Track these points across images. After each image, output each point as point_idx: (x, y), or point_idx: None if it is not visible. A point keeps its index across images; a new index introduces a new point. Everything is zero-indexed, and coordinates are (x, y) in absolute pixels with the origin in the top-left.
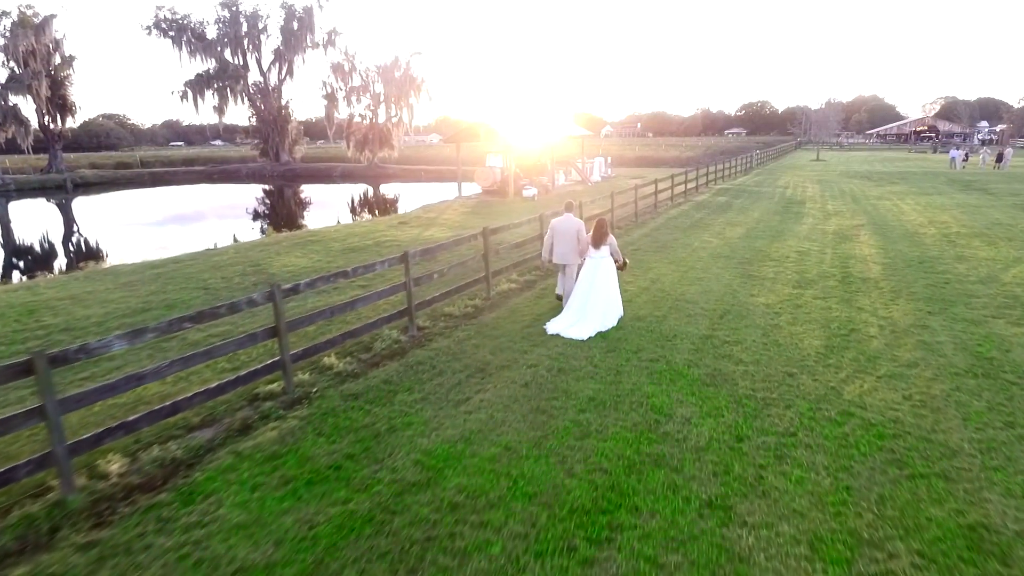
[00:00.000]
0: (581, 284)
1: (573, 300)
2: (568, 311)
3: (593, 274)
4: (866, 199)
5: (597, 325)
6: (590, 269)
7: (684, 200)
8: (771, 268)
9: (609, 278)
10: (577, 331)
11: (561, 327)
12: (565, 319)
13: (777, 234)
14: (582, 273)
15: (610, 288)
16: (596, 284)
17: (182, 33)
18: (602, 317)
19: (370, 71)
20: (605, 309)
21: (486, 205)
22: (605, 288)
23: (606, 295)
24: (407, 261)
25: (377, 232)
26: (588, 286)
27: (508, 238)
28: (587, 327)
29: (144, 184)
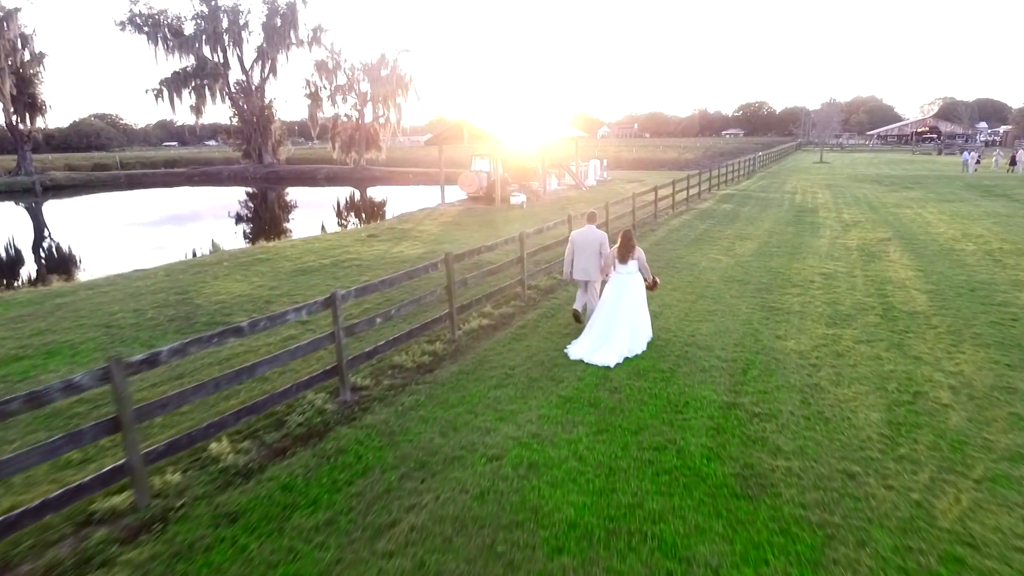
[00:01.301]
0: (606, 302)
1: (597, 320)
2: (591, 332)
3: (619, 292)
4: (884, 207)
5: (624, 350)
6: (616, 287)
7: (686, 208)
8: (795, 297)
9: (637, 297)
10: (603, 356)
11: (584, 351)
12: (588, 342)
13: (794, 250)
14: (607, 290)
15: (638, 308)
16: (623, 303)
17: (158, 29)
18: (629, 341)
19: (356, 69)
20: (633, 331)
21: (469, 213)
22: (633, 308)
23: (633, 316)
24: (335, 305)
25: (339, 248)
26: (614, 305)
27: (488, 258)
28: (613, 351)
29: (120, 187)
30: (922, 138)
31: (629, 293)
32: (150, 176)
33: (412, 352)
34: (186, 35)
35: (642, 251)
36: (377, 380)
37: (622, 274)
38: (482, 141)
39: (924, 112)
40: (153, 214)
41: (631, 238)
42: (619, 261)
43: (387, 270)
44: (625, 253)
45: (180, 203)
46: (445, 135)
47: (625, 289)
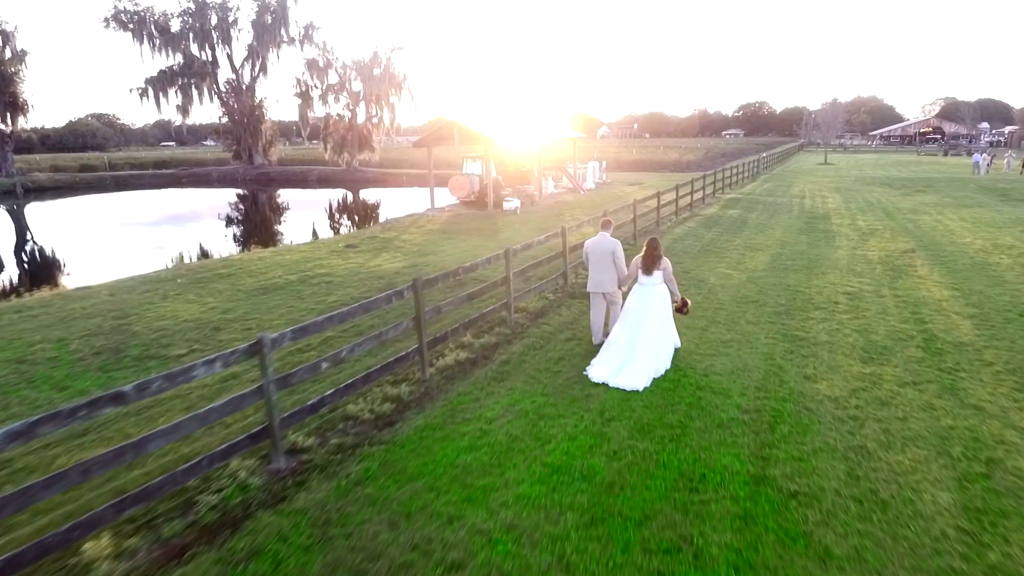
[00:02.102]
0: (629, 316)
1: (618, 335)
2: (611, 348)
3: (644, 305)
4: (900, 213)
5: (650, 370)
6: (640, 299)
7: (690, 214)
8: (820, 323)
9: (663, 311)
10: (629, 378)
11: (607, 373)
12: (609, 360)
13: (811, 264)
14: (629, 302)
15: (664, 323)
16: (648, 318)
17: (143, 26)
18: (655, 359)
19: (347, 68)
20: (658, 348)
21: (458, 220)
22: (658, 323)
23: (658, 332)
24: (263, 354)
25: (311, 262)
26: (638, 319)
27: (471, 277)
28: (640, 373)
29: (106, 189)
30: (925, 139)
31: (654, 306)
32: (137, 178)
33: (371, 398)
34: (173, 32)
35: (669, 262)
36: (323, 438)
37: (646, 285)
38: (474, 143)
39: (925, 112)
40: (131, 218)
41: (657, 246)
42: (643, 271)
43: (359, 288)
44: (650, 263)
45: (162, 207)
46: (434, 136)
47: (650, 302)
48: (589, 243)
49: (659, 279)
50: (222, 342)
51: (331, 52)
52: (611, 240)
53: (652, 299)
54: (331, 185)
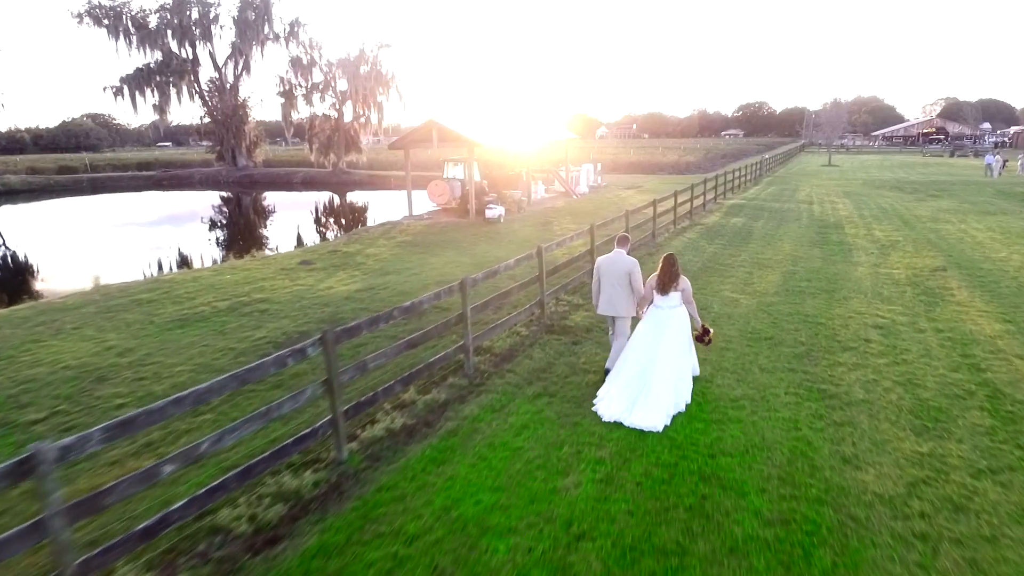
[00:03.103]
0: (640, 341)
1: (628, 364)
2: (621, 378)
3: (659, 330)
4: (918, 221)
5: (668, 405)
6: (654, 323)
7: (690, 222)
8: (852, 371)
9: (681, 337)
10: (644, 417)
11: (619, 410)
12: (620, 393)
13: (830, 285)
14: (642, 326)
15: (683, 351)
16: (663, 344)
17: (119, 21)
18: (673, 392)
19: (333, 66)
20: (677, 379)
21: (434, 230)
22: (676, 351)
23: (676, 360)
24: (40, 474)
25: (252, 283)
26: (652, 346)
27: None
28: (656, 410)
29: (82, 191)
30: (928, 139)
31: (671, 331)
32: (115, 180)
33: (259, 494)
34: (150, 29)
35: (688, 282)
36: (169, 571)
37: (662, 308)
38: (455, 144)
39: (926, 113)
40: (94, 224)
41: (674, 263)
42: (659, 291)
43: (297, 319)
44: (666, 282)
45: (134, 211)
46: (412, 138)
47: (666, 326)
48: (603, 261)
49: (676, 301)
50: (99, 400)
51: (317, 49)
52: (628, 259)
53: (669, 323)
54: (316, 188)
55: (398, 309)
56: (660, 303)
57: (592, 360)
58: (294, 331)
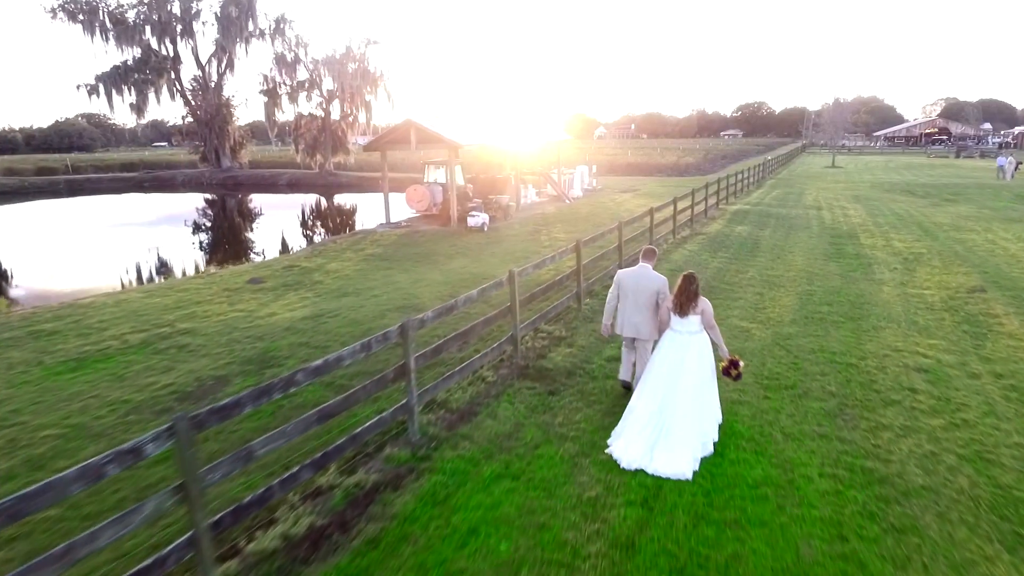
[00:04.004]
0: (660, 372)
1: (645, 399)
2: (637, 415)
3: (679, 358)
4: (939, 230)
5: (695, 446)
6: (672, 350)
7: (690, 231)
8: (900, 437)
9: (704, 366)
10: (669, 462)
11: (638, 454)
12: (638, 434)
13: (854, 310)
14: (658, 355)
15: (706, 382)
16: (684, 376)
17: (94, 16)
18: (698, 431)
19: (319, 63)
20: (701, 416)
21: (410, 240)
22: (698, 382)
23: (699, 393)
24: None
25: (184, 308)
26: (672, 376)
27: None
28: (682, 453)
29: (58, 194)
30: (931, 140)
31: (692, 360)
32: (94, 182)
33: None
34: (128, 24)
35: (709, 304)
36: None
37: (680, 332)
38: (435, 145)
39: (926, 113)
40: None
41: (692, 282)
42: (676, 313)
43: (220, 358)
44: (684, 302)
45: (99, 215)
46: (388, 138)
47: (686, 353)
48: (625, 275)
49: (696, 325)
50: None
51: (303, 47)
52: (656, 277)
53: (689, 350)
54: (302, 190)
55: (302, 372)
56: (678, 327)
57: (571, 421)
58: (210, 375)
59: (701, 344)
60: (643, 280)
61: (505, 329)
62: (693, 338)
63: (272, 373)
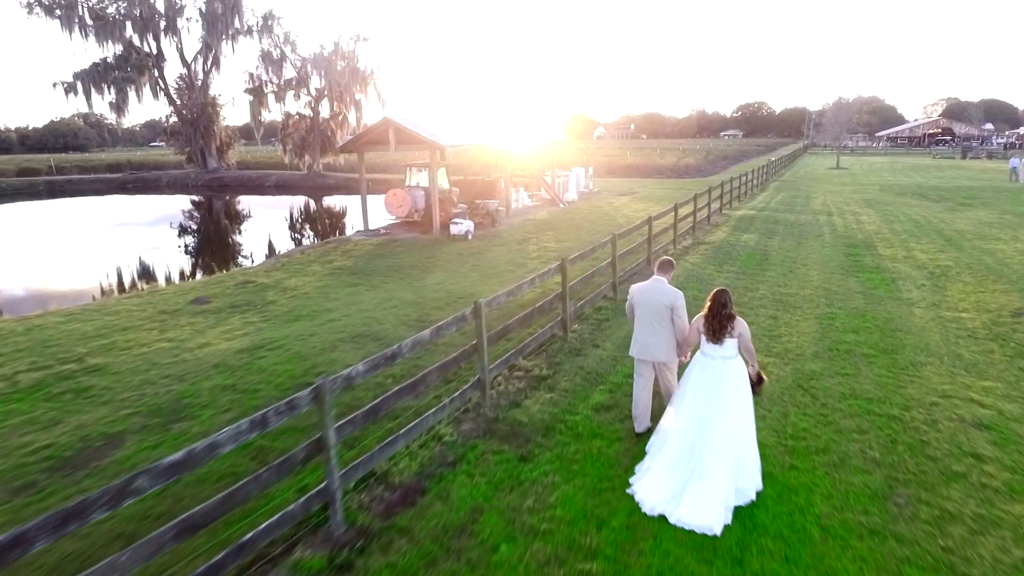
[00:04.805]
0: (691, 404)
1: (675, 435)
2: (665, 453)
3: (712, 388)
4: (962, 238)
5: (729, 494)
6: (706, 378)
7: (692, 241)
8: (976, 535)
9: (741, 397)
10: (695, 510)
11: (663, 496)
12: (666, 474)
13: (886, 339)
14: (689, 384)
15: (744, 415)
16: (719, 408)
17: (72, 12)
18: (734, 472)
19: (306, 61)
20: (739, 455)
21: (386, 251)
22: (735, 415)
23: (737, 428)
24: None
25: (110, 334)
26: (705, 408)
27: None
28: (713, 500)
29: (38, 196)
30: (935, 140)
31: (728, 390)
32: (76, 183)
33: None
34: (109, 20)
35: (745, 325)
36: None
37: (713, 358)
38: (416, 146)
39: (927, 113)
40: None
41: (726, 302)
42: (708, 338)
43: (121, 405)
44: (718, 326)
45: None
46: (364, 139)
47: (720, 382)
48: (637, 290)
49: (732, 350)
50: None
51: (292, 44)
52: (669, 290)
53: (724, 379)
54: (290, 192)
55: (147, 474)
56: (710, 352)
57: (544, 505)
58: (102, 432)
59: (737, 370)
60: (656, 295)
61: (471, 370)
62: (728, 364)
63: (178, 430)
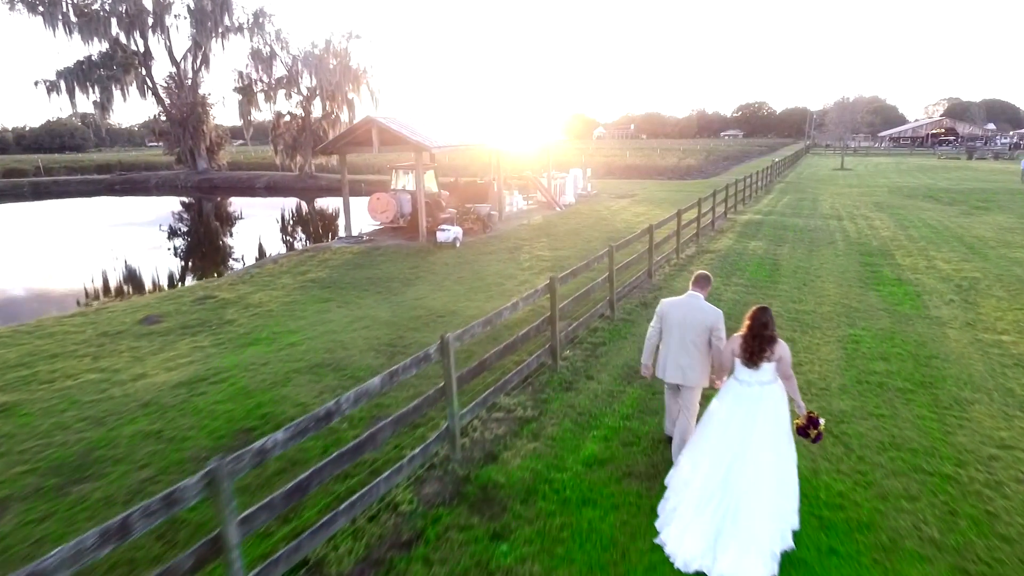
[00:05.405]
0: (719, 436)
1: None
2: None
3: (747, 418)
4: (985, 246)
5: (773, 537)
6: (739, 407)
7: (696, 249)
8: None
9: (779, 427)
10: (738, 563)
11: (698, 549)
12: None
13: (921, 369)
14: (720, 413)
15: (784, 450)
16: (755, 442)
17: (55, 8)
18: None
19: (297, 59)
20: (779, 494)
21: (367, 260)
22: (774, 449)
23: (776, 465)
24: None
25: (33, 363)
26: (740, 442)
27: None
28: (757, 548)
29: (23, 197)
30: (938, 140)
31: (766, 420)
32: (62, 185)
33: None
34: (94, 17)
35: (787, 348)
36: None
37: (749, 384)
38: (401, 147)
39: (928, 113)
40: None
41: (767, 322)
42: (744, 361)
43: (9, 465)
44: (757, 349)
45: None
46: (346, 139)
47: (757, 410)
48: (671, 306)
49: (769, 374)
50: None
51: (283, 42)
52: (709, 308)
53: (761, 406)
54: (281, 193)
55: None
56: (745, 376)
57: None
58: None
59: (776, 397)
60: (694, 313)
61: (438, 417)
62: (765, 390)
63: (78, 494)
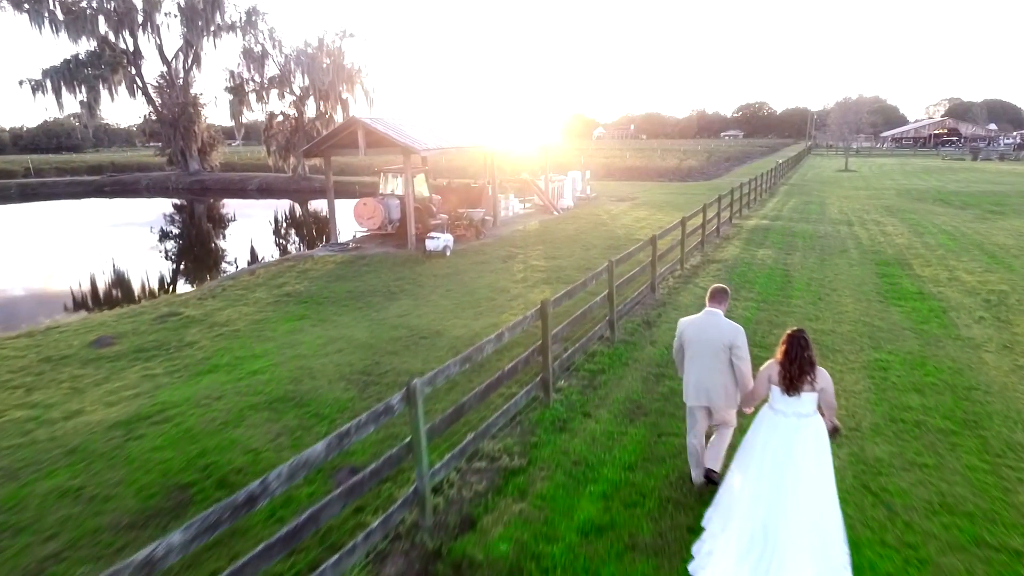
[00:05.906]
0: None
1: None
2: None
3: (785, 452)
4: (1008, 254)
5: None
6: (776, 440)
7: (701, 259)
8: None
9: (821, 462)
10: None
11: None
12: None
13: (962, 405)
14: (753, 446)
15: (825, 485)
16: (795, 475)
17: (41, 5)
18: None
19: (289, 58)
20: (823, 532)
21: (351, 270)
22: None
23: (819, 499)
24: None
25: None
26: (778, 477)
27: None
28: None
29: (9, 199)
30: (941, 141)
31: (806, 454)
32: (50, 186)
33: None
34: (81, 15)
35: (828, 375)
36: None
37: (786, 415)
38: (388, 149)
39: (929, 114)
40: None
41: (807, 346)
42: (782, 388)
43: None
44: (797, 376)
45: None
46: (331, 141)
47: (793, 447)
48: (688, 325)
49: (810, 405)
50: None
51: (276, 41)
52: (727, 325)
53: (800, 441)
54: (273, 196)
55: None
56: (782, 407)
57: None
58: None
59: (816, 431)
60: (710, 331)
61: (405, 477)
62: (804, 423)
63: None
